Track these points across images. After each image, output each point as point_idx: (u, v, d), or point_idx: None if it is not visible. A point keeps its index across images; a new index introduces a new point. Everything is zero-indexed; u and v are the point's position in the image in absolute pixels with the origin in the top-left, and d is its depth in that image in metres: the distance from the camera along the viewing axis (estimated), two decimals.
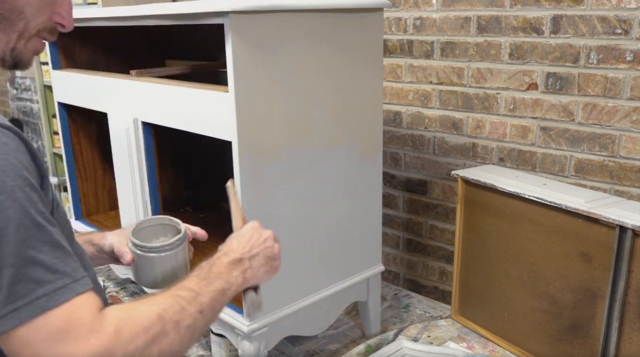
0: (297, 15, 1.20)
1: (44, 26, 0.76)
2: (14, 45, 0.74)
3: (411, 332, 1.55)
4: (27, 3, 0.72)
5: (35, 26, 0.75)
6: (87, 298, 0.66)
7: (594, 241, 1.21)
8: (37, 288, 0.62)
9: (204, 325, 0.78)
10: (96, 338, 0.64)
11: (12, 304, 0.61)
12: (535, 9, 1.56)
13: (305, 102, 1.26)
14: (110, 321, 0.66)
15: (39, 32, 0.76)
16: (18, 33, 0.73)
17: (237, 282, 0.85)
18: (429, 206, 1.93)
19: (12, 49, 0.74)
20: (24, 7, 0.72)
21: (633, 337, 1.18)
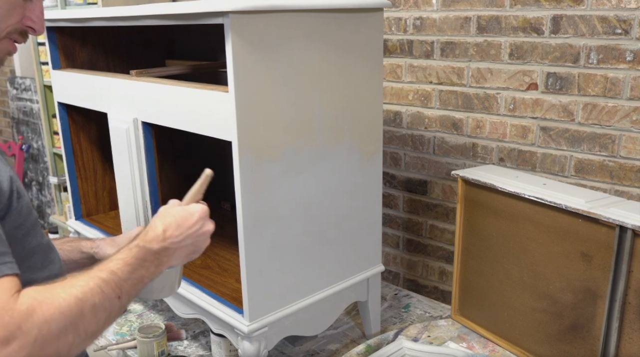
0: (297, 15, 1.20)
1: (14, 28, 0.78)
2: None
3: (411, 332, 1.55)
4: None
5: (4, 28, 0.77)
6: (7, 280, 0.68)
7: (594, 241, 1.21)
8: None
9: (119, 310, 0.79)
10: (9, 316, 0.65)
11: None
12: (535, 9, 1.56)
13: (305, 102, 1.26)
14: (24, 300, 0.67)
15: (10, 34, 0.79)
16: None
17: (158, 271, 0.86)
18: (429, 206, 1.93)
19: None
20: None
21: (633, 337, 1.18)
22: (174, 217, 0.90)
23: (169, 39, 2.02)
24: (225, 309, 1.33)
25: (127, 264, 0.81)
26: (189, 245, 0.90)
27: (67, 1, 2.62)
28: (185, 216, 0.91)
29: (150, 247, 0.85)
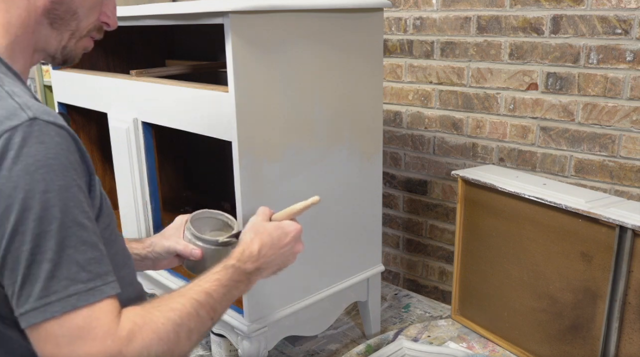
0: (297, 15, 1.20)
1: (93, 26, 0.80)
2: (65, 44, 0.78)
3: (411, 332, 1.55)
4: (81, 4, 0.76)
5: (86, 26, 0.79)
6: (110, 302, 0.67)
7: (594, 241, 1.21)
8: (70, 286, 0.63)
9: (210, 329, 0.80)
10: (112, 341, 0.65)
11: (46, 298, 0.62)
12: (535, 9, 1.56)
13: (305, 102, 1.26)
14: (125, 325, 0.67)
15: (90, 32, 0.80)
16: (70, 32, 0.77)
17: (247, 290, 0.88)
18: (429, 206, 1.93)
19: (63, 47, 0.78)
20: (78, 8, 0.76)
21: (633, 337, 1.18)
22: (270, 236, 0.91)
23: (169, 39, 2.02)
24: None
25: (222, 285, 0.81)
26: (278, 263, 0.92)
27: None
28: (280, 235, 0.92)
29: (245, 268, 0.86)
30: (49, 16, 0.75)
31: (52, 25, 0.75)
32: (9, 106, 0.63)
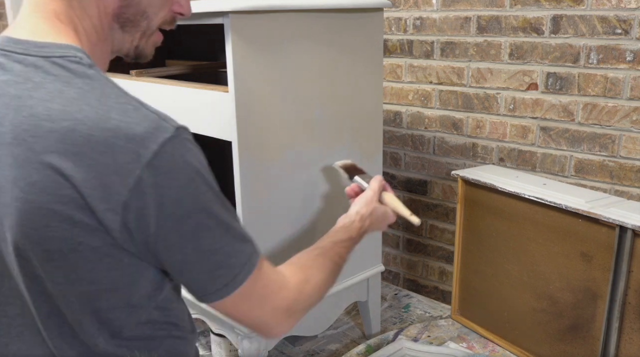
0: (297, 15, 1.20)
1: (163, 20, 0.79)
2: (137, 43, 0.78)
3: (411, 332, 1.55)
4: (149, 4, 0.75)
5: (156, 23, 0.78)
6: (265, 262, 0.76)
7: (594, 241, 1.21)
8: (244, 253, 0.71)
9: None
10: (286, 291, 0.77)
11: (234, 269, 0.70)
12: (535, 9, 1.56)
13: (305, 102, 1.26)
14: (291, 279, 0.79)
15: (162, 25, 0.80)
16: (141, 32, 0.77)
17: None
18: (429, 206, 1.93)
19: (136, 47, 0.78)
20: (147, 8, 0.75)
21: (633, 337, 1.18)
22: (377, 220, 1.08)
23: (169, 39, 2.02)
24: None
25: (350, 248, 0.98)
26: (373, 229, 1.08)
27: None
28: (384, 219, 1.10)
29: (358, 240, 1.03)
30: (119, 20, 0.74)
31: (123, 28, 0.75)
32: (149, 117, 0.64)
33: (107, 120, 0.61)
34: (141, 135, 0.61)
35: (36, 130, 0.60)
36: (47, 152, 0.59)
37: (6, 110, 0.63)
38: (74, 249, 0.62)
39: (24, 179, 0.60)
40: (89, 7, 0.71)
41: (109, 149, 0.60)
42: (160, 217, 0.63)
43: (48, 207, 0.60)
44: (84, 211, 0.60)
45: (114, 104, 0.63)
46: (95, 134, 0.60)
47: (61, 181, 0.60)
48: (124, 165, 0.60)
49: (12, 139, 0.61)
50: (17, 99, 0.63)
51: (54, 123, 0.60)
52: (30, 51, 0.66)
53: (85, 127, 0.60)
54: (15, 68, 0.65)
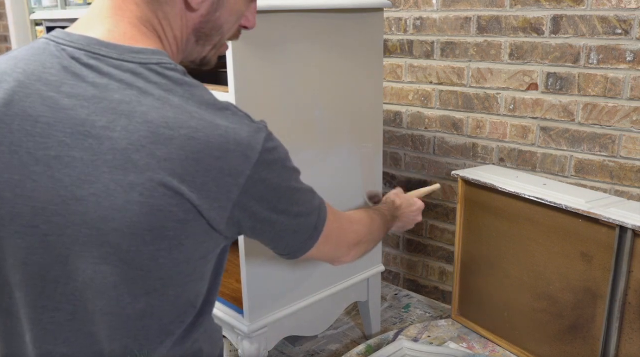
0: (297, 15, 1.20)
1: (232, 33, 0.81)
2: (206, 54, 0.80)
3: (411, 332, 1.55)
4: (226, 20, 0.77)
5: (226, 37, 0.80)
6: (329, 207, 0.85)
7: (594, 241, 1.21)
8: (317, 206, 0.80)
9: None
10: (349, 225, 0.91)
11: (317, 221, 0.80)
12: (535, 9, 1.56)
13: (305, 102, 1.26)
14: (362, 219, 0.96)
15: (231, 38, 0.82)
16: (212, 45, 0.79)
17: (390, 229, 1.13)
18: (429, 206, 1.93)
19: (203, 57, 0.80)
20: (224, 24, 0.77)
21: (633, 337, 1.18)
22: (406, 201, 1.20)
23: None
24: (225, 309, 1.33)
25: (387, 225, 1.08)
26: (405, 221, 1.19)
27: (67, 1, 2.62)
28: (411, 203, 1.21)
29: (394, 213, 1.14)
30: (196, 34, 0.76)
31: (198, 42, 0.77)
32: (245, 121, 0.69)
33: (216, 127, 0.65)
34: (247, 138, 0.67)
35: (156, 137, 0.62)
36: (170, 159, 0.62)
37: (114, 115, 0.63)
38: (179, 244, 0.66)
39: (144, 184, 0.62)
40: (174, 19, 0.72)
41: (223, 154, 0.64)
42: (266, 201, 0.70)
43: (167, 208, 0.63)
44: (197, 210, 0.65)
45: (215, 110, 0.67)
46: (211, 141, 0.64)
47: (182, 185, 0.63)
48: (236, 167, 0.65)
49: (129, 144, 0.62)
50: (125, 104, 0.63)
51: (173, 131, 0.63)
52: (125, 57, 0.66)
53: (202, 134, 0.64)
54: (113, 72, 0.65)
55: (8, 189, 0.64)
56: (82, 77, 0.65)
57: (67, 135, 0.63)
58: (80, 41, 0.67)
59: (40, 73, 0.65)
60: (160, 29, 0.72)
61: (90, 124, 0.63)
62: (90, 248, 0.64)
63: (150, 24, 0.71)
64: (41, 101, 0.64)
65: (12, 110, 0.64)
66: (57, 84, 0.64)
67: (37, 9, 2.94)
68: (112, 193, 0.62)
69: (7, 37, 3.36)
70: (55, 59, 0.66)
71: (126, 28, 0.69)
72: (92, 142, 0.63)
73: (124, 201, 0.62)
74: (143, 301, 0.68)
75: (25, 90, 0.64)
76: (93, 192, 0.63)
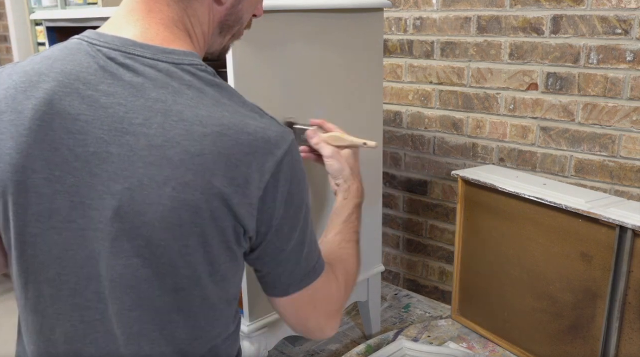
0: (297, 15, 1.20)
1: (248, 22, 0.84)
2: (225, 44, 0.82)
3: (411, 332, 1.55)
4: (246, 10, 0.80)
5: (244, 26, 0.83)
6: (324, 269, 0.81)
7: (594, 241, 1.21)
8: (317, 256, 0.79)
9: None
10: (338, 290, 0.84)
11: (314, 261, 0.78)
12: (535, 9, 1.56)
13: (305, 102, 1.26)
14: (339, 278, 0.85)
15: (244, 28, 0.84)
16: (232, 34, 0.81)
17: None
18: (429, 206, 1.93)
19: (223, 47, 0.82)
20: (243, 14, 0.80)
21: (633, 337, 1.18)
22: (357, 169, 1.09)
23: None
24: None
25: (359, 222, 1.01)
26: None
27: (67, 1, 2.62)
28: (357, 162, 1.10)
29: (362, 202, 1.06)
30: (221, 26, 0.78)
31: (220, 33, 0.79)
32: (273, 122, 0.71)
33: (246, 126, 0.67)
34: (274, 138, 0.68)
35: (190, 134, 0.64)
36: (202, 155, 0.64)
37: (151, 113, 0.65)
38: (207, 242, 0.67)
39: (177, 179, 0.64)
40: (202, 15, 0.74)
41: (252, 151, 0.66)
42: (284, 208, 0.71)
43: (198, 204, 0.65)
44: (226, 206, 0.66)
45: (245, 111, 0.69)
46: (242, 138, 0.66)
47: (212, 181, 0.65)
48: (263, 164, 0.67)
49: (164, 141, 0.64)
50: (161, 102, 0.65)
51: (206, 128, 0.65)
52: (159, 57, 0.68)
53: (233, 131, 0.66)
54: (148, 72, 0.67)
55: (48, 185, 0.66)
56: (119, 76, 0.66)
57: (105, 132, 0.65)
58: (114, 42, 0.69)
59: (78, 72, 0.67)
60: (191, 27, 0.74)
61: (127, 121, 0.65)
62: (122, 242, 0.66)
63: (182, 24, 0.73)
64: (80, 100, 0.66)
65: (52, 110, 0.65)
66: (95, 83, 0.66)
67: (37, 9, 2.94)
68: (145, 188, 0.64)
69: (7, 37, 3.36)
70: (91, 59, 0.68)
71: (159, 29, 0.71)
72: (129, 139, 0.64)
73: (157, 196, 0.64)
74: (171, 297, 0.69)
75: (65, 89, 0.66)
76: (128, 186, 0.64)
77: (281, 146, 0.69)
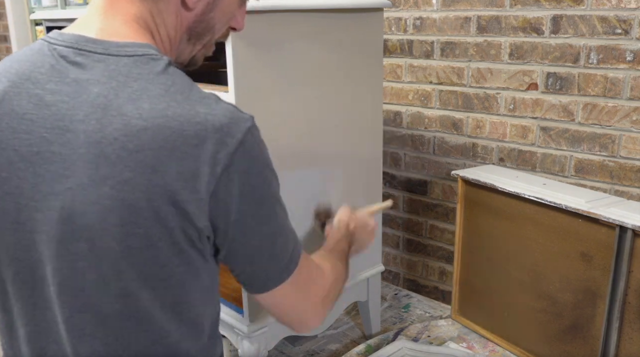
0: (297, 15, 1.20)
1: (222, 34, 0.81)
2: (195, 54, 0.80)
3: (411, 332, 1.55)
4: (219, 20, 0.78)
5: (217, 37, 0.80)
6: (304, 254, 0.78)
7: (594, 241, 1.21)
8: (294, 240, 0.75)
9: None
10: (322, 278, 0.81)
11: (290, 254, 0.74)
12: (535, 9, 1.56)
13: (305, 102, 1.26)
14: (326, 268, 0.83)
15: (219, 39, 0.82)
16: (202, 45, 0.79)
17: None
18: (429, 206, 1.93)
19: (192, 57, 0.80)
20: (216, 24, 0.77)
21: (633, 337, 1.18)
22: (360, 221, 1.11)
23: None
24: (226, 309, 1.33)
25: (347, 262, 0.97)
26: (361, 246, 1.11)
27: (67, 1, 2.62)
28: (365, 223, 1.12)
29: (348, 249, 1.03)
30: (189, 33, 0.76)
31: (189, 40, 0.77)
32: (230, 109, 0.66)
33: (195, 115, 0.63)
34: (227, 125, 0.64)
35: (128, 129, 0.61)
36: (141, 150, 0.61)
37: (91, 108, 0.62)
38: (153, 245, 0.63)
39: (115, 177, 0.61)
40: (168, 17, 0.72)
41: (200, 141, 0.62)
42: (243, 202, 0.66)
43: (138, 204, 0.61)
44: (173, 205, 0.62)
45: (197, 98, 0.65)
46: (187, 129, 0.62)
47: (154, 178, 0.61)
48: (214, 155, 0.62)
49: (102, 138, 0.61)
50: (102, 97, 0.63)
51: (146, 121, 0.61)
52: (111, 51, 0.66)
53: (177, 122, 0.62)
54: (96, 67, 0.65)
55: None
56: (67, 73, 0.65)
57: (49, 131, 0.63)
58: (70, 40, 0.68)
59: (30, 72, 0.66)
60: (154, 26, 0.71)
61: (69, 118, 0.63)
62: (68, 245, 0.64)
63: (144, 22, 0.70)
64: (28, 99, 0.64)
65: (2, 110, 0.65)
66: (44, 82, 0.65)
67: (37, 9, 2.94)
68: (85, 188, 0.62)
69: (7, 37, 3.36)
70: (46, 58, 0.67)
71: (119, 26, 0.69)
72: (70, 137, 0.62)
73: (96, 196, 0.62)
74: (120, 303, 0.66)
75: (15, 89, 0.65)
76: (69, 186, 0.62)
77: (235, 135, 0.64)
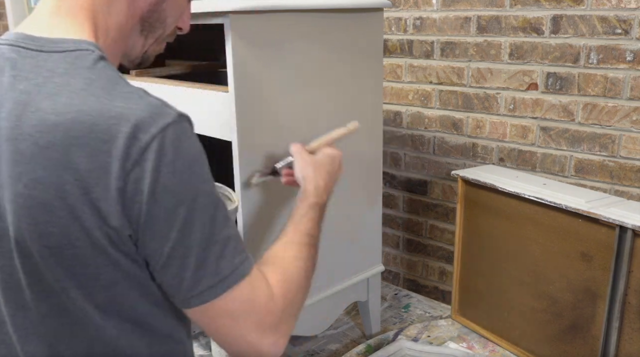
0: (297, 15, 1.20)
1: (172, 31, 0.82)
2: (147, 49, 0.80)
3: (411, 332, 1.55)
4: (170, 13, 0.79)
5: (168, 32, 0.81)
6: (256, 268, 0.71)
7: (594, 241, 1.21)
8: (234, 259, 0.67)
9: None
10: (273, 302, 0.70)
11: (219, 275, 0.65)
12: (535, 9, 1.56)
13: (305, 102, 1.26)
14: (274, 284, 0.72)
15: (169, 37, 0.83)
16: (154, 39, 0.79)
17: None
18: (429, 206, 1.93)
19: (145, 52, 0.80)
20: (168, 17, 0.79)
21: (633, 337, 1.18)
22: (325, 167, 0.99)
23: None
24: None
25: (316, 223, 0.90)
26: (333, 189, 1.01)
27: None
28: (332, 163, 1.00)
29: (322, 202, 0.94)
30: (142, 23, 0.76)
31: (142, 32, 0.77)
32: (153, 103, 0.63)
33: (110, 109, 0.60)
34: (143, 120, 0.60)
35: (42, 125, 0.60)
36: (52, 146, 0.59)
37: (14, 105, 0.62)
38: (71, 245, 0.62)
39: (28, 175, 0.60)
40: (119, 4, 0.72)
41: (112, 137, 0.59)
42: (152, 203, 0.61)
43: (51, 202, 0.60)
44: (86, 203, 0.60)
45: (119, 92, 0.62)
46: (99, 123, 0.59)
47: (65, 175, 0.59)
48: (125, 150, 0.59)
49: (18, 134, 0.61)
50: (25, 94, 0.62)
51: (59, 116, 0.60)
52: (44, 47, 0.65)
53: (90, 117, 0.59)
54: (26, 64, 0.64)
55: None
56: (2, 71, 0.65)
57: None
58: (10, 37, 0.68)
59: None
60: (102, 15, 0.71)
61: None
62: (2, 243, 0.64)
63: (91, 10, 0.70)
64: None
65: None
66: None
67: None
68: (5, 186, 0.62)
69: None
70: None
71: (57, 20, 0.69)
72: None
73: (13, 194, 0.61)
74: (48, 304, 0.65)
75: None
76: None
77: (149, 130, 0.60)
